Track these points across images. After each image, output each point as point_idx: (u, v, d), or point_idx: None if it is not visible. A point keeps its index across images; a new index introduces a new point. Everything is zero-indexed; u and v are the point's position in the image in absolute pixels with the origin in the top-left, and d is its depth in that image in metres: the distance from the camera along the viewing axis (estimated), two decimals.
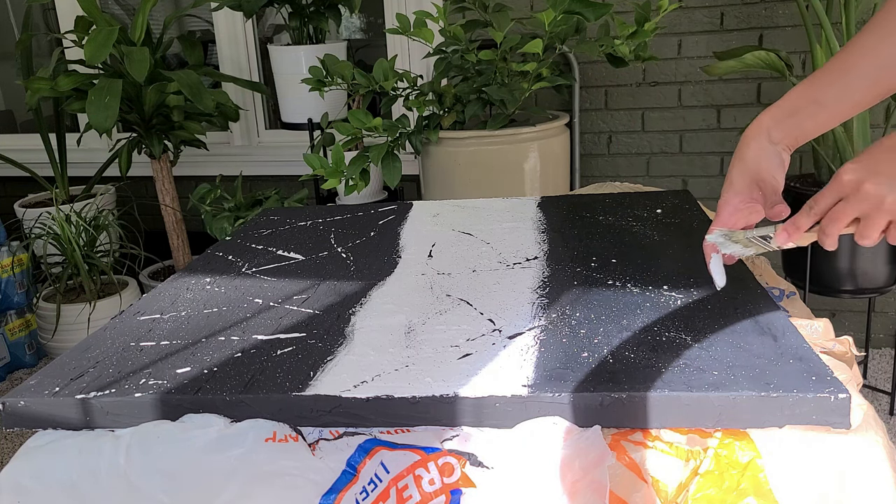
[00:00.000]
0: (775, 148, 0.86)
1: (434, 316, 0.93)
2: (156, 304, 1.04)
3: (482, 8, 2.02)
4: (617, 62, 2.04)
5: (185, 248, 2.74)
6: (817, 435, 0.70)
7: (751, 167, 0.87)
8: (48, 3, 3.01)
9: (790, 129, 0.86)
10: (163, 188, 2.64)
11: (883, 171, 0.73)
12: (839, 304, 2.49)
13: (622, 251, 1.09)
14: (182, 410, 0.78)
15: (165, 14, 2.98)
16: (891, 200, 0.72)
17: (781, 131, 0.86)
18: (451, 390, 0.74)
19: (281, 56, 2.47)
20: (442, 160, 2.08)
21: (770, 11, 2.32)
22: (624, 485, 0.69)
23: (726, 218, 0.89)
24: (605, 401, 0.72)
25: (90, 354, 0.90)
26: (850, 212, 0.76)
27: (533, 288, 0.99)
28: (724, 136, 2.45)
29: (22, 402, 0.81)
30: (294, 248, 1.24)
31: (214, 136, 2.88)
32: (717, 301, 0.90)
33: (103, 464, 0.76)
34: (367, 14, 3.46)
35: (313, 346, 0.87)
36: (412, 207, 1.42)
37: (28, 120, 3.33)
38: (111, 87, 2.22)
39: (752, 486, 0.67)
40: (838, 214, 0.77)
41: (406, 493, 0.71)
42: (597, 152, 2.56)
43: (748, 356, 0.76)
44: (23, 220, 2.79)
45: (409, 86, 2.14)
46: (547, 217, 1.30)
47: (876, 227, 0.75)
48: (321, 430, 0.76)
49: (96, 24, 2.31)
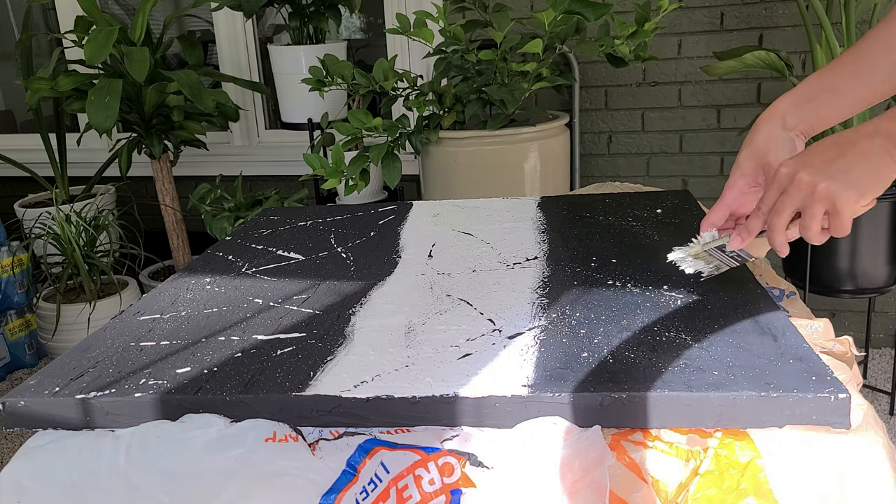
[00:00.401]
0: (788, 134, 0.86)
1: (434, 316, 0.93)
2: (156, 304, 1.04)
3: (482, 8, 2.02)
4: (617, 62, 2.04)
5: (185, 248, 2.74)
6: (817, 435, 0.70)
7: (760, 150, 0.87)
8: (48, 3, 3.01)
9: (805, 115, 0.85)
10: (163, 188, 2.64)
11: (813, 163, 0.77)
12: (839, 304, 2.50)
13: (622, 251, 1.09)
14: (182, 410, 0.78)
15: (165, 14, 2.98)
16: (822, 187, 0.75)
17: (796, 117, 0.85)
18: (451, 390, 0.74)
19: (281, 56, 2.47)
20: (442, 160, 2.08)
21: (770, 11, 2.32)
22: (624, 485, 0.69)
23: (730, 200, 0.90)
24: (605, 401, 0.72)
25: (90, 354, 0.90)
26: (788, 203, 0.79)
27: (533, 288, 0.99)
28: (724, 136, 2.45)
29: (22, 402, 0.81)
30: (294, 248, 1.24)
31: (214, 136, 2.88)
32: (717, 301, 0.90)
33: (103, 464, 0.76)
34: (367, 14, 3.46)
35: (313, 346, 0.87)
36: (412, 207, 1.42)
37: (28, 120, 3.33)
38: (111, 87, 2.22)
39: (752, 486, 0.67)
40: (779, 207, 0.80)
41: (406, 493, 0.71)
42: (597, 152, 2.56)
43: (748, 356, 0.76)
44: (23, 220, 2.79)
45: (409, 86, 2.14)
46: (547, 217, 1.30)
47: (814, 217, 0.77)
48: (321, 430, 0.76)
49: (96, 24, 2.31)
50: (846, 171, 0.74)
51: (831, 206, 0.76)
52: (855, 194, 0.74)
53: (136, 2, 3.43)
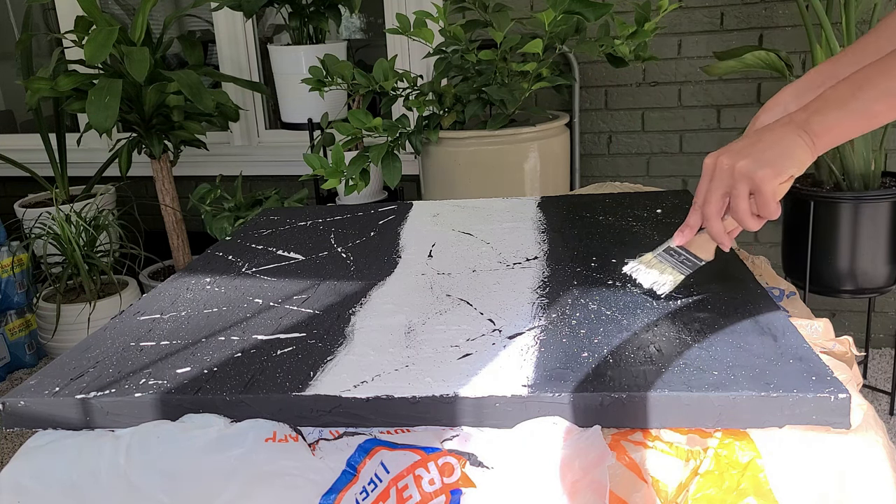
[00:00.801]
0: None
1: (434, 316, 0.93)
2: (156, 304, 1.04)
3: (482, 8, 2.02)
4: (617, 62, 2.04)
5: (185, 248, 2.74)
6: (817, 435, 0.70)
7: None
8: (48, 3, 3.01)
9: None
10: (163, 188, 2.64)
11: (733, 148, 0.84)
12: (839, 304, 2.49)
13: (622, 251, 1.09)
14: (182, 410, 0.78)
15: (165, 14, 2.98)
16: (741, 165, 0.81)
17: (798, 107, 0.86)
18: (451, 390, 0.74)
19: (281, 56, 2.47)
20: (442, 160, 2.08)
21: (770, 11, 2.32)
22: (624, 485, 0.69)
23: None
24: (605, 401, 0.72)
25: (90, 354, 0.90)
26: (714, 188, 0.84)
27: (533, 288, 0.99)
28: (724, 136, 2.45)
29: (22, 402, 0.81)
30: (294, 248, 1.24)
31: (214, 136, 2.88)
32: (717, 301, 0.90)
33: (103, 464, 0.76)
34: (367, 14, 3.46)
35: (313, 346, 0.87)
36: (412, 207, 1.42)
37: (28, 120, 3.33)
38: (111, 87, 2.22)
39: (752, 486, 0.67)
40: (709, 195, 0.85)
41: (406, 493, 0.71)
42: (597, 152, 2.56)
43: (748, 356, 0.76)
44: (23, 220, 2.79)
45: (409, 86, 2.14)
46: (547, 217, 1.30)
47: (740, 196, 0.82)
48: (321, 430, 0.76)
49: (96, 24, 2.31)
50: (761, 152, 0.81)
51: (752, 185, 0.81)
52: (771, 172, 0.80)
53: (136, 2, 3.43)
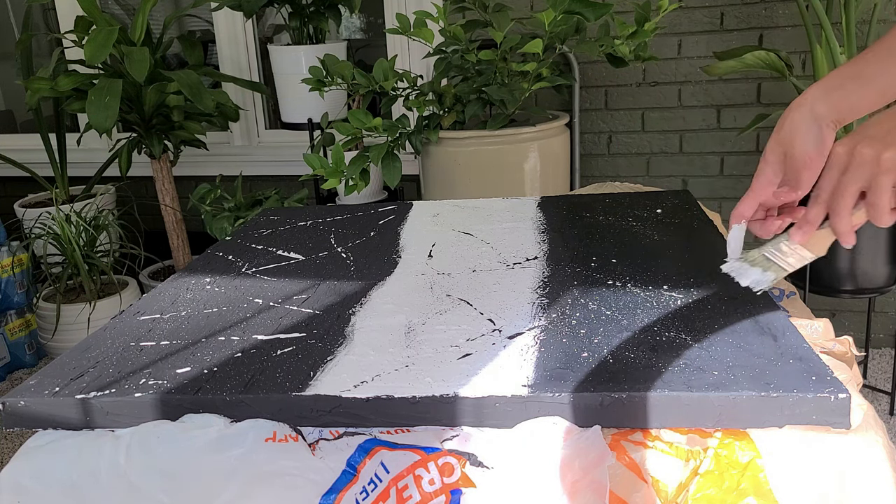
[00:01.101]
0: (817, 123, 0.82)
1: (434, 316, 0.93)
2: (156, 304, 1.04)
3: (482, 8, 2.02)
4: (617, 62, 2.04)
5: (185, 248, 2.74)
6: (817, 435, 0.70)
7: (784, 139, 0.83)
8: (48, 3, 3.01)
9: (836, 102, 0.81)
10: (163, 188, 2.64)
11: (872, 134, 0.73)
12: (839, 304, 2.49)
13: (622, 251, 1.09)
14: (182, 410, 0.78)
15: (165, 14, 2.98)
16: (887, 157, 0.71)
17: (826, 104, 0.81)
18: (451, 390, 0.74)
19: (281, 56, 2.47)
20: (442, 160, 2.08)
21: (770, 11, 2.32)
22: (624, 485, 0.69)
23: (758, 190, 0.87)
24: (605, 401, 0.72)
25: (90, 354, 0.90)
26: (851, 182, 0.74)
27: (533, 288, 0.99)
28: (724, 136, 2.45)
29: (22, 402, 0.81)
30: (294, 248, 1.24)
31: (214, 136, 2.88)
32: (717, 301, 0.90)
33: (103, 464, 0.76)
34: (367, 14, 3.46)
35: (313, 346, 0.87)
36: (412, 207, 1.42)
37: (28, 120, 3.33)
38: (111, 87, 2.22)
39: (752, 486, 0.67)
40: (842, 188, 0.75)
41: (406, 493, 0.71)
42: (597, 152, 2.56)
43: (748, 356, 0.76)
44: (23, 220, 2.79)
45: (409, 86, 2.14)
46: (547, 217, 1.30)
47: (883, 192, 0.72)
48: (321, 430, 0.76)
49: (96, 24, 2.31)
50: None
51: None
52: None
53: (136, 2, 3.43)
